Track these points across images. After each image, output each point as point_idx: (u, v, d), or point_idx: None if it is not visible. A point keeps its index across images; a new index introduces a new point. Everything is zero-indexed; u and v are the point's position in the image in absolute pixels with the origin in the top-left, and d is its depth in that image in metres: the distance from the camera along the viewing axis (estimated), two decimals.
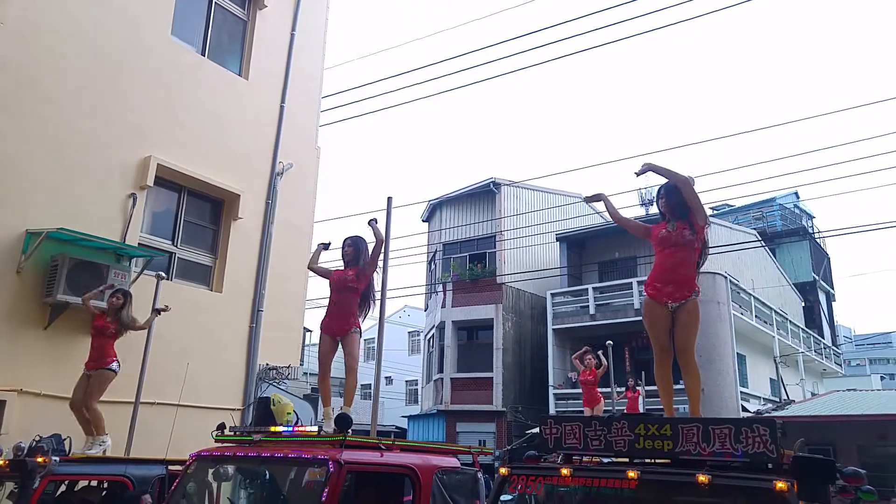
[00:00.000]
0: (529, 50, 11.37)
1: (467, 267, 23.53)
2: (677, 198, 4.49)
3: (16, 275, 7.02)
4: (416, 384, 34.07)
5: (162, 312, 6.90)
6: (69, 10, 7.84)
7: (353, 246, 5.95)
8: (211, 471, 4.89)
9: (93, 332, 6.61)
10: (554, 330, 21.40)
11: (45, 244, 7.09)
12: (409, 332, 38.28)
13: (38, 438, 5.31)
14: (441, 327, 23.43)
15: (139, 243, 8.25)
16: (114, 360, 6.49)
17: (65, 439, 5.72)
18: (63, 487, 5.54)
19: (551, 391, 20.56)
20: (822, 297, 33.27)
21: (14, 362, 6.84)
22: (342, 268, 6.02)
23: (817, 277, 32.36)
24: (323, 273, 6.19)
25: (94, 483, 5.69)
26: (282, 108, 10.51)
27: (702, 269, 4.65)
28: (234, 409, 8.85)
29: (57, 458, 5.01)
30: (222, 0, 10.05)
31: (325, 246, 6.27)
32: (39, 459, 4.85)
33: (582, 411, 12.13)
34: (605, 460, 3.79)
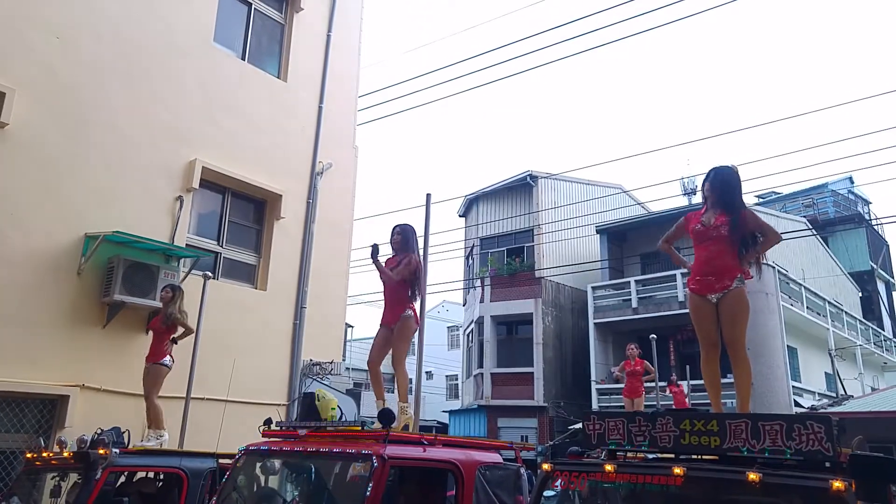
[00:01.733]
0: (567, 40, 11.27)
1: (505, 261, 23.44)
2: (727, 187, 4.39)
3: (76, 276, 7.37)
4: (457, 379, 34.19)
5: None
6: (113, 18, 8.13)
7: (402, 234, 5.94)
8: (259, 464, 5.01)
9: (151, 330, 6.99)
10: (595, 324, 21.16)
11: (103, 247, 7.41)
12: (448, 327, 38.40)
13: (99, 431, 5.53)
14: (480, 322, 23.41)
15: (186, 244, 8.51)
16: (166, 355, 6.76)
17: (124, 432, 5.95)
18: (122, 478, 5.74)
19: (594, 386, 20.36)
20: (881, 287, 31.92)
21: (76, 359, 7.19)
22: (392, 255, 5.99)
23: (875, 266, 31.07)
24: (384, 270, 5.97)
25: (150, 474, 5.89)
26: (320, 108, 10.67)
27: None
28: (279, 405, 9.03)
29: (117, 451, 5.20)
30: (260, 5, 10.26)
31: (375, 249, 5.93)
32: (101, 451, 5.05)
33: (623, 406, 12.00)
34: (650, 456, 3.74)
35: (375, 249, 5.86)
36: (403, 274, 5.83)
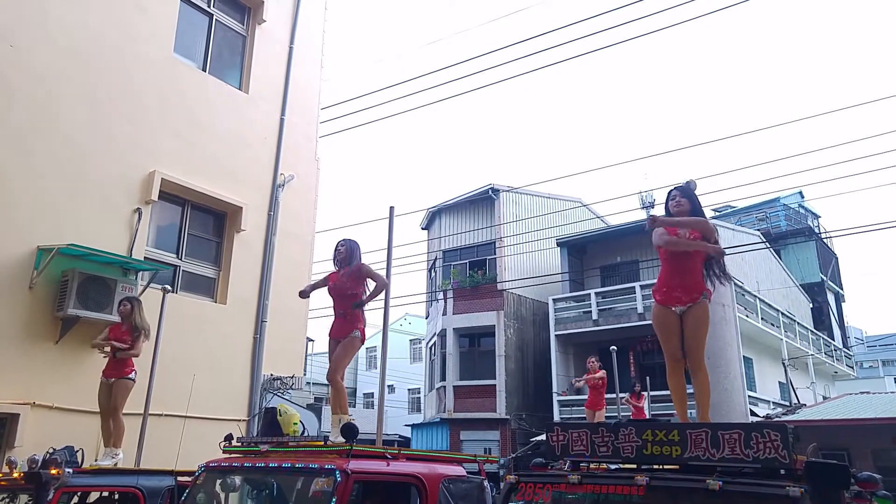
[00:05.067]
0: (528, 56, 11.42)
1: (468, 274, 23.49)
2: (695, 204, 4.50)
3: (28, 290, 7.16)
4: (419, 392, 34.02)
5: None
6: (70, 28, 7.96)
7: (347, 247, 5.83)
8: (219, 481, 4.92)
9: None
10: (556, 336, 21.33)
11: (56, 260, 7.22)
12: (410, 340, 38.21)
13: (51, 451, 5.37)
14: (442, 335, 23.39)
15: (145, 257, 8.34)
16: (132, 370, 6.60)
17: (77, 451, 5.77)
18: (76, 499, 5.58)
19: (555, 398, 20.49)
20: (830, 298, 32.70)
21: (27, 376, 6.97)
22: (335, 270, 5.88)
23: (825, 278, 31.86)
24: (320, 286, 6.05)
25: (105, 494, 5.72)
26: (282, 120, 10.60)
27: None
28: (239, 420, 8.88)
29: (70, 470, 5.06)
30: (222, 17, 10.18)
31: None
32: (53, 471, 4.90)
33: (585, 417, 12.09)
34: (613, 467, 3.78)
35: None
36: (373, 274, 5.82)
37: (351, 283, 5.73)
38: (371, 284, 5.82)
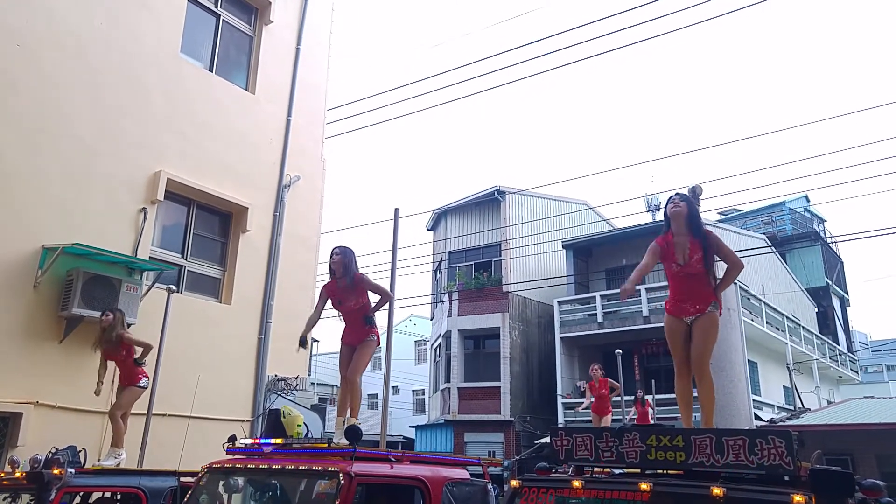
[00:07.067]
0: (536, 58, 11.41)
1: (473, 276, 23.50)
2: (693, 213, 4.49)
3: (32, 289, 7.17)
4: (423, 394, 34.01)
5: None
6: (76, 28, 7.99)
7: (342, 255, 5.82)
8: (223, 482, 4.91)
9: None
10: (562, 338, 21.30)
11: (61, 259, 7.23)
12: (415, 342, 38.22)
13: (54, 450, 5.37)
14: (447, 336, 23.38)
15: (150, 257, 8.36)
16: (142, 377, 6.60)
17: (80, 451, 5.78)
18: (78, 499, 5.57)
19: (560, 400, 20.46)
20: (835, 303, 32.65)
21: (30, 375, 6.98)
22: (330, 280, 5.91)
23: (830, 282, 31.78)
24: (322, 308, 6.08)
25: (107, 494, 5.72)
26: (288, 121, 10.62)
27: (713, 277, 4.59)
28: (243, 421, 8.88)
29: (72, 470, 5.05)
30: (229, 17, 10.20)
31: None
32: (56, 471, 4.89)
33: (591, 421, 12.06)
34: (617, 472, 3.77)
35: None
36: (375, 286, 5.87)
37: (356, 299, 5.78)
38: (374, 297, 5.89)
